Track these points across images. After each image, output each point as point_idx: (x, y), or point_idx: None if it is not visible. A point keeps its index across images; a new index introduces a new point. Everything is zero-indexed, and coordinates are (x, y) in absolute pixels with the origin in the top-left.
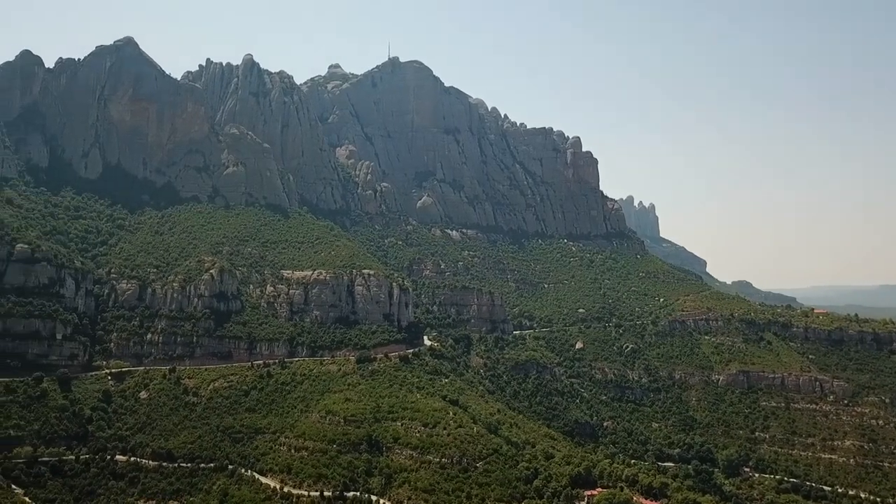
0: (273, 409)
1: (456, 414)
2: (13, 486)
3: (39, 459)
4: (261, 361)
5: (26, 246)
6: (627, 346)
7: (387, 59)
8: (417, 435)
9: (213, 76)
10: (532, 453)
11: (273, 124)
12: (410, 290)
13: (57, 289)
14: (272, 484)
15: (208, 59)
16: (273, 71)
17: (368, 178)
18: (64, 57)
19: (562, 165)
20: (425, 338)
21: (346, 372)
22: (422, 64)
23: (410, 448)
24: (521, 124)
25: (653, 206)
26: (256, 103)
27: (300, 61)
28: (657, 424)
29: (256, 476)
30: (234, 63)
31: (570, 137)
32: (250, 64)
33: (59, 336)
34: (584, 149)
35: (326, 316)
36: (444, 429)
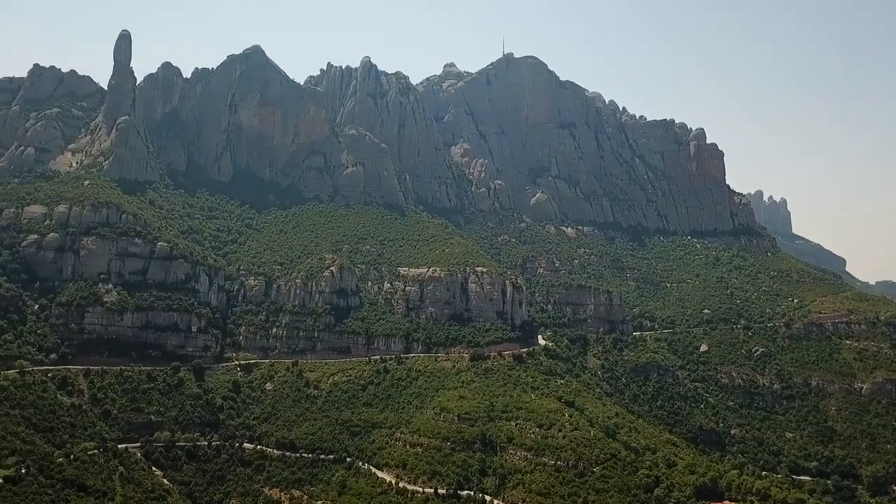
0: (389, 404)
1: (572, 416)
2: (153, 468)
3: (176, 444)
4: (378, 357)
5: (166, 244)
6: (757, 350)
7: (501, 55)
8: (532, 436)
9: (334, 79)
10: (653, 460)
11: (390, 124)
12: (524, 288)
13: (192, 284)
14: (388, 478)
15: (329, 63)
16: (390, 72)
17: (482, 175)
18: (199, 67)
19: (684, 159)
20: (539, 337)
21: (460, 369)
22: (536, 59)
23: (525, 449)
24: (641, 117)
25: (784, 201)
26: (374, 104)
27: (416, 62)
28: (791, 434)
29: (373, 470)
30: (353, 66)
31: (694, 129)
32: (368, 66)
33: (194, 329)
34: (708, 141)
35: (441, 313)
36: (560, 431)
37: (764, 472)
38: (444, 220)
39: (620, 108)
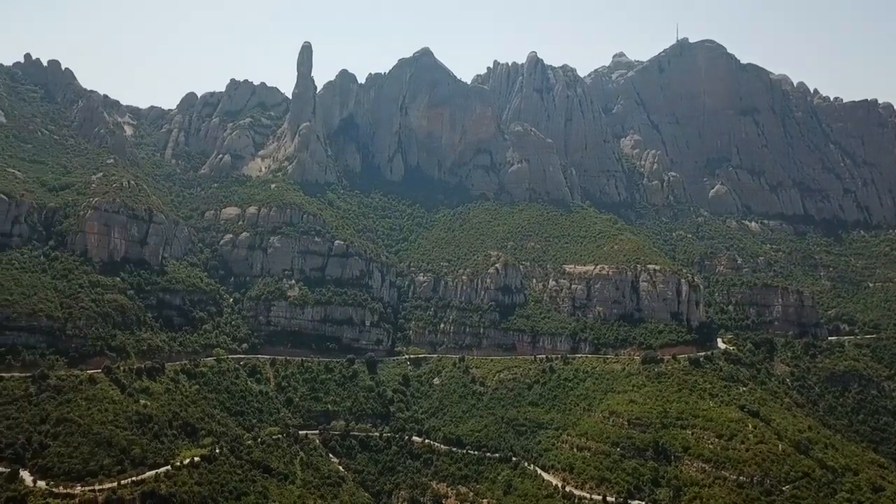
0: (555, 404)
1: (756, 427)
2: (330, 455)
3: (351, 433)
4: (543, 355)
5: (342, 242)
6: None
7: (675, 41)
8: (710, 446)
9: (500, 77)
10: (854, 482)
11: (556, 119)
12: (701, 287)
13: (366, 280)
14: (554, 481)
15: (495, 61)
16: (556, 66)
17: (654, 167)
18: (373, 72)
19: (890, 142)
20: (719, 340)
21: (630, 372)
22: (714, 42)
23: (702, 460)
24: (837, 98)
25: None
26: (540, 99)
27: (584, 54)
28: None
29: (539, 471)
30: (520, 62)
31: None
32: (534, 61)
33: (367, 323)
34: None
35: (609, 312)
36: (742, 443)
37: None
38: (612, 215)
39: (811, 90)
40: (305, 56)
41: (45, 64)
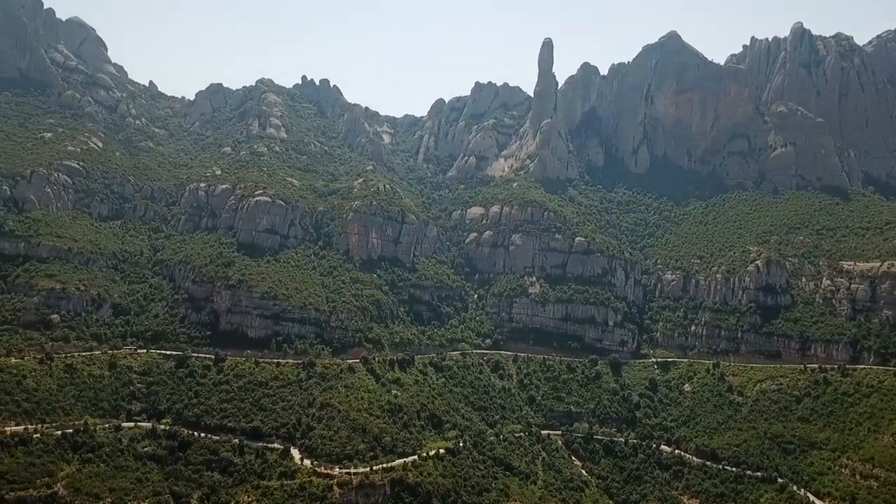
0: (830, 422)
1: None
2: (573, 458)
3: (594, 437)
4: (815, 365)
5: (583, 239)
6: None
7: None
8: None
9: (758, 54)
10: None
11: (828, 95)
12: None
13: (609, 278)
14: None
15: (752, 38)
16: (827, 35)
17: None
18: (615, 62)
19: None
20: None
21: None
22: None
23: None
24: None
25: None
26: (808, 75)
27: (861, 19)
28: None
29: (811, 497)
30: (781, 36)
31: None
32: (799, 33)
33: (610, 323)
34: None
35: None
36: None
37: None
38: None
39: None
40: (546, 52)
41: (317, 83)
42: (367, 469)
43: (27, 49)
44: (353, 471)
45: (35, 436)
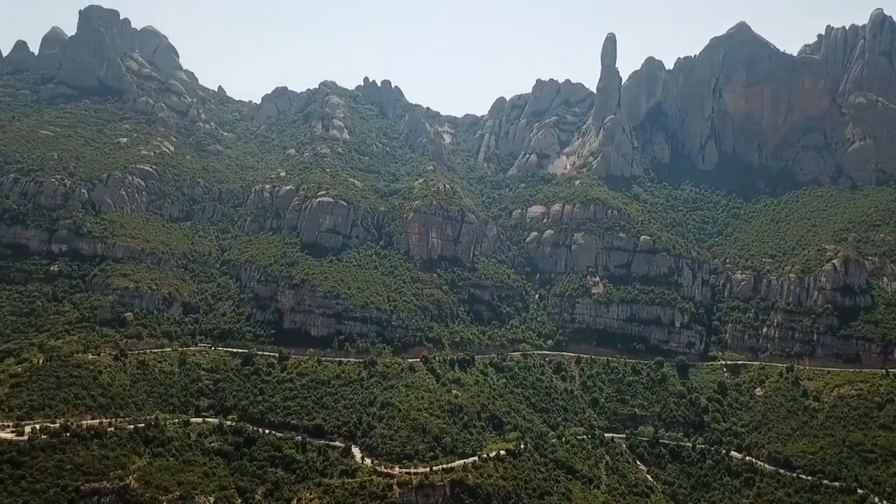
0: None
1: None
2: (638, 462)
3: (660, 441)
4: None
5: (648, 237)
6: None
7: None
8: None
9: (834, 44)
10: None
11: None
12: None
13: (675, 278)
14: None
15: (828, 27)
16: None
17: None
18: (681, 56)
19: None
20: None
21: None
22: None
23: None
24: None
25: None
26: (889, 64)
27: None
28: None
29: None
30: (859, 24)
31: None
32: (880, 19)
33: (677, 324)
34: None
35: None
36: None
37: None
38: None
39: None
40: (609, 48)
41: (378, 84)
42: (427, 469)
43: (105, 58)
44: (412, 470)
45: (109, 429)
